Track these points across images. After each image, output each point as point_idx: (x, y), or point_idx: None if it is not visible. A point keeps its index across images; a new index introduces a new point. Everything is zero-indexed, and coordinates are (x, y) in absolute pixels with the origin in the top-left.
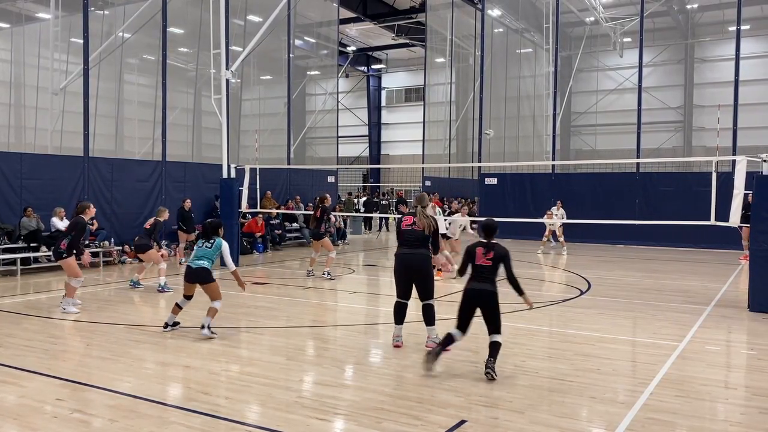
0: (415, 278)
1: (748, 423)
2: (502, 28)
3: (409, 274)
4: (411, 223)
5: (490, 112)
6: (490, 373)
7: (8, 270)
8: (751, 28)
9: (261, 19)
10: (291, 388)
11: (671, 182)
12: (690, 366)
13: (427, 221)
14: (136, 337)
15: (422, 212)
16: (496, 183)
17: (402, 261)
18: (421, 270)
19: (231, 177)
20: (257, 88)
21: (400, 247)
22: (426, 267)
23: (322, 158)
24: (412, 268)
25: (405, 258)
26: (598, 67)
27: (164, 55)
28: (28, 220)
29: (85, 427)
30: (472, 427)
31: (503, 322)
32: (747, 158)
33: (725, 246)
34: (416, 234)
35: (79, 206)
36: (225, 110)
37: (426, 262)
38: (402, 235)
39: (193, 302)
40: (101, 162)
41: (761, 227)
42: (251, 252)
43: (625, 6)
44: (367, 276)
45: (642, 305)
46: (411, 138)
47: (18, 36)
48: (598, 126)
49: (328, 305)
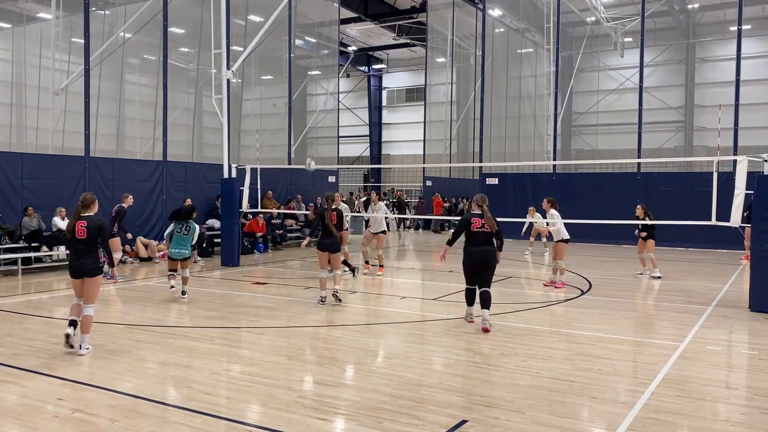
0: (483, 270)
1: (750, 423)
2: (503, 28)
3: (480, 267)
4: (480, 225)
5: (491, 112)
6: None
7: (9, 270)
8: (752, 27)
9: (262, 19)
10: (292, 388)
11: (672, 182)
12: (691, 366)
13: (492, 222)
14: (136, 337)
15: (488, 214)
16: (497, 183)
17: (477, 256)
18: (489, 263)
19: (232, 177)
20: (258, 88)
21: (471, 246)
22: (493, 261)
23: (323, 158)
24: (486, 262)
25: (479, 254)
26: (599, 67)
27: (165, 55)
28: (29, 219)
29: (86, 426)
30: (472, 427)
31: (503, 321)
32: (748, 158)
33: (726, 246)
34: (486, 234)
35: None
36: (226, 110)
37: (494, 257)
38: (474, 236)
39: (193, 305)
40: (102, 162)
41: (761, 227)
42: (252, 252)
43: (626, 6)
44: (367, 276)
45: (643, 305)
46: (412, 138)
47: (19, 36)
48: (599, 126)
49: (328, 305)
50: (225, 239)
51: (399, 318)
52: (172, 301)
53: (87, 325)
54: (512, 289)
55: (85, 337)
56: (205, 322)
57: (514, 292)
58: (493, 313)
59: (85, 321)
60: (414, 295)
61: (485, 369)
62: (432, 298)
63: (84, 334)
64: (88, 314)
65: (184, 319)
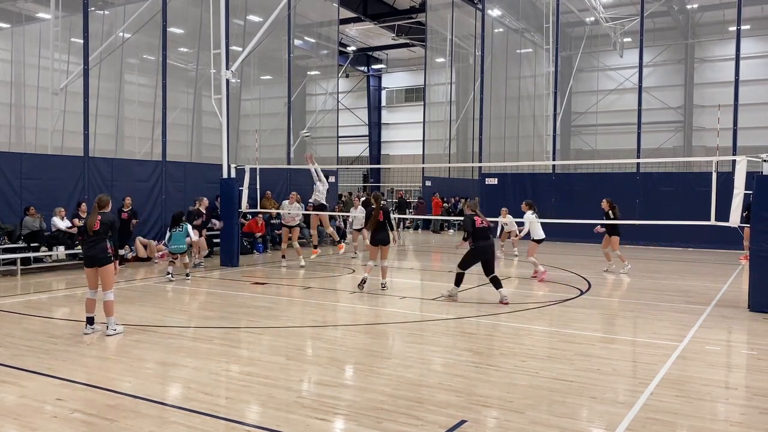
0: (491, 259)
1: (749, 423)
2: (503, 28)
3: (490, 257)
4: (481, 222)
5: (490, 111)
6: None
7: (8, 270)
8: (752, 28)
9: (261, 19)
10: (291, 388)
11: (671, 182)
12: (690, 366)
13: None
14: (136, 337)
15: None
16: (496, 183)
17: (488, 249)
18: (494, 253)
19: (231, 177)
20: (257, 88)
21: (479, 240)
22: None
23: (323, 158)
24: (493, 253)
25: (489, 246)
26: (598, 67)
27: (164, 55)
28: (31, 219)
29: (85, 426)
30: (472, 427)
31: (503, 321)
32: (747, 158)
33: (725, 246)
34: (488, 230)
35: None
36: (225, 110)
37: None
38: (479, 232)
39: (193, 305)
40: (101, 162)
41: (761, 227)
42: (251, 252)
43: (625, 6)
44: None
45: (642, 305)
46: (411, 138)
47: (18, 36)
48: (599, 126)
49: (328, 305)
50: (224, 239)
51: (399, 318)
52: (171, 299)
53: (110, 308)
54: (513, 289)
55: (111, 319)
56: (204, 322)
57: (515, 292)
58: (492, 313)
59: (107, 305)
60: (414, 295)
61: (484, 369)
62: (432, 298)
63: (109, 316)
64: (108, 299)
65: (184, 319)
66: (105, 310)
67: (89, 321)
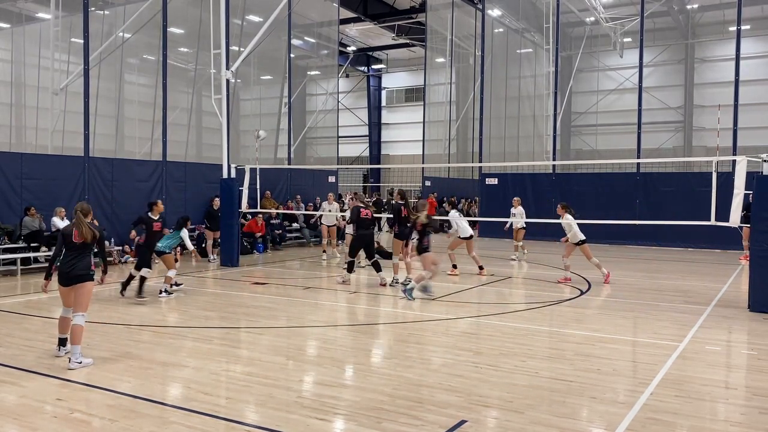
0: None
1: (749, 423)
2: (503, 28)
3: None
4: (365, 213)
5: (490, 111)
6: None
7: (8, 270)
8: (752, 28)
9: (261, 19)
10: (291, 388)
11: (671, 182)
12: (690, 366)
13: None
14: (136, 337)
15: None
16: (496, 183)
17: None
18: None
19: (231, 177)
20: (257, 88)
21: (360, 229)
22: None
23: (323, 158)
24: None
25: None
26: (598, 67)
27: (164, 55)
28: (31, 219)
29: (85, 426)
30: (472, 427)
31: (502, 322)
32: (747, 158)
33: (725, 246)
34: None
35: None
36: (225, 110)
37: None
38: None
39: (193, 305)
40: (101, 162)
41: (761, 227)
42: (251, 252)
43: (625, 6)
44: (368, 275)
45: (642, 305)
46: (411, 138)
47: (18, 36)
48: (599, 126)
49: (328, 305)
50: (224, 239)
51: (398, 318)
52: (171, 299)
53: (77, 336)
54: (512, 289)
55: (77, 348)
56: (204, 323)
57: (514, 292)
58: (492, 313)
59: (75, 331)
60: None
61: (484, 369)
62: (431, 298)
63: (75, 344)
64: (78, 324)
65: (183, 319)
66: (72, 337)
67: (61, 342)
